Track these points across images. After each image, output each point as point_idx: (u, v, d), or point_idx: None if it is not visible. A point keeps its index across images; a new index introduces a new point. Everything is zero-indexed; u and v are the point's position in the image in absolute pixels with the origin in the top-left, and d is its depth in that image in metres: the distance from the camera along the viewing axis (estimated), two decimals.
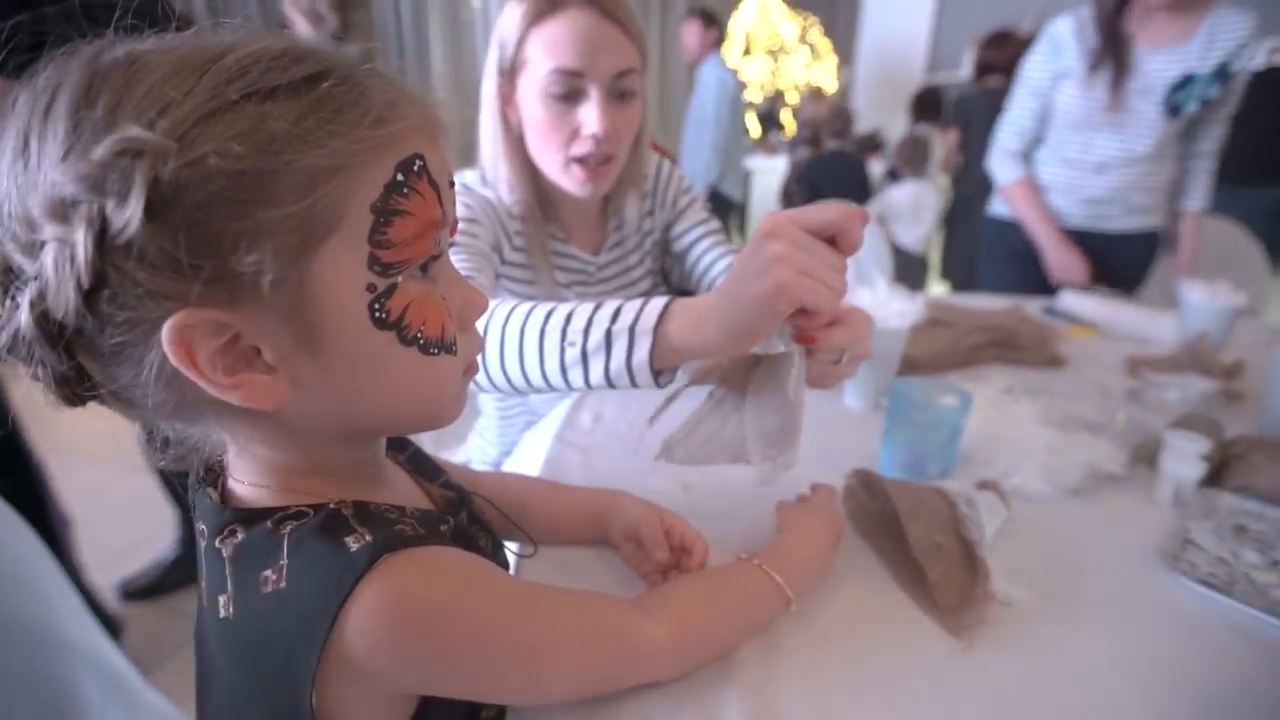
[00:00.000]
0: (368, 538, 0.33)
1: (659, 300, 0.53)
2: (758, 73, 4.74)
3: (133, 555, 1.63)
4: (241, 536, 0.34)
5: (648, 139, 0.87)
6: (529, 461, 0.75)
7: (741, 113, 2.61)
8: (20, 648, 0.61)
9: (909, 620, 0.50)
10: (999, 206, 1.61)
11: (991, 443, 0.70)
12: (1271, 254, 1.73)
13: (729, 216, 3.29)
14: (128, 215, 0.27)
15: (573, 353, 0.55)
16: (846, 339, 0.49)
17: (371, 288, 0.33)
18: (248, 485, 0.37)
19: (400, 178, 0.33)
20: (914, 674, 0.45)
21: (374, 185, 0.32)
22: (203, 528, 0.36)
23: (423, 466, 0.49)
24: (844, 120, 3.39)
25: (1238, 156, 2.29)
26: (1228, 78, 1.33)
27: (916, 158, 2.95)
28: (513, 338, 0.57)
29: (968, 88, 2.91)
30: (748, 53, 4.73)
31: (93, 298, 0.28)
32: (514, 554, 0.54)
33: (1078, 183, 1.46)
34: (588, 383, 0.56)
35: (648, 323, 0.52)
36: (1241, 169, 2.24)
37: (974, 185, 2.44)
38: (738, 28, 4.68)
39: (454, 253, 0.60)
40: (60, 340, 0.30)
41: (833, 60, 4.93)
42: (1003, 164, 1.55)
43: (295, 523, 0.34)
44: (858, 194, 3.12)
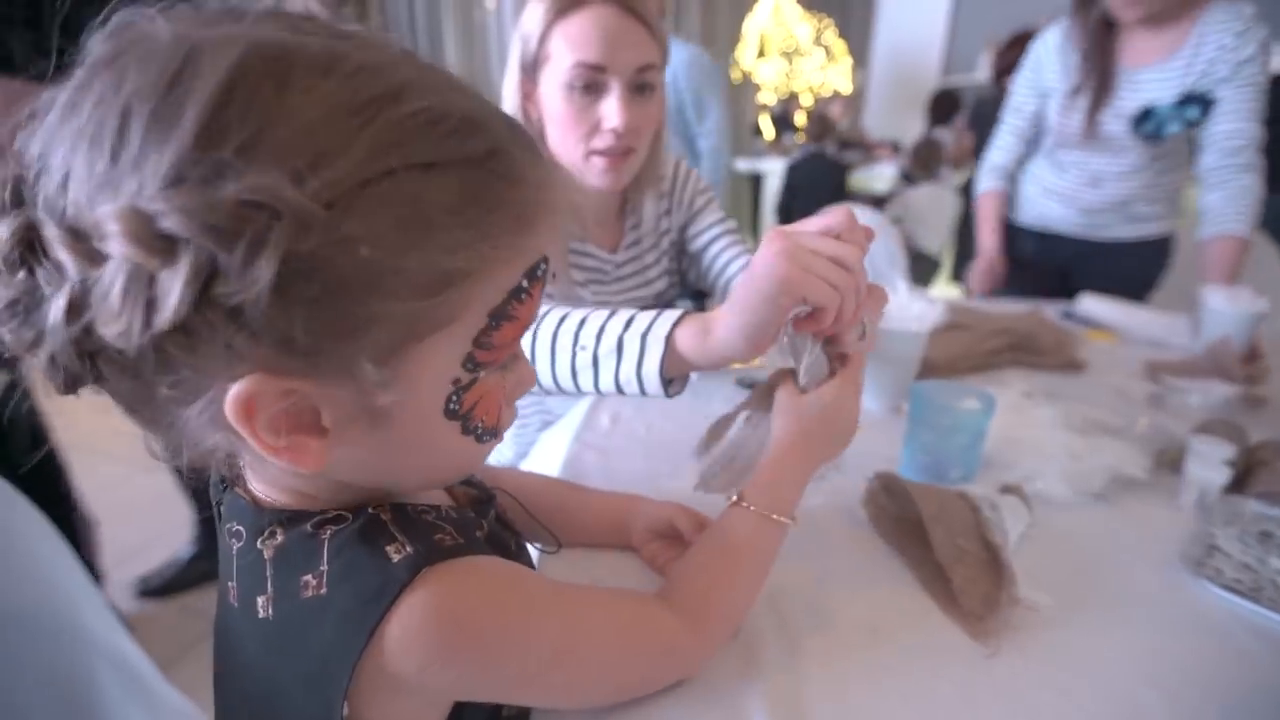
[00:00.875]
0: (408, 549, 0.32)
1: (672, 312, 0.54)
2: (772, 75, 4.74)
3: (148, 553, 1.64)
4: (281, 539, 0.33)
5: (664, 139, 0.88)
6: (546, 462, 0.75)
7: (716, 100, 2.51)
8: (39, 641, 0.62)
9: (932, 623, 0.49)
10: (1011, 213, 1.60)
11: (1012, 447, 0.70)
12: None
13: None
14: (254, 283, 0.24)
15: (584, 357, 0.55)
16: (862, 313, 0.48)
17: (456, 381, 0.32)
18: (272, 488, 0.35)
19: (524, 284, 0.32)
20: (937, 677, 0.45)
21: (499, 291, 0.31)
22: (239, 528, 0.35)
23: None
24: (823, 124, 3.39)
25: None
26: (1203, 102, 1.25)
27: (931, 160, 2.94)
28: (525, 339, 0.57)
29: (986, 90, 2.89)
30: (762, 54, 4.73)
31: (162, 339, 0.24)
32: (536, 549, 0.54)
33: (1075, 193, 1.45)
34: (597, 388, 0.56)
35: (660, 331, 0.52)
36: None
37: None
38: (752, 29, 4.68)
39: None
40: (93, 355, 0.26)
41: (847, 62, 4.92)
42: (980, 175, 1.59)
43: (335, 527, 0.33)
44: (831, 198, 3.15)
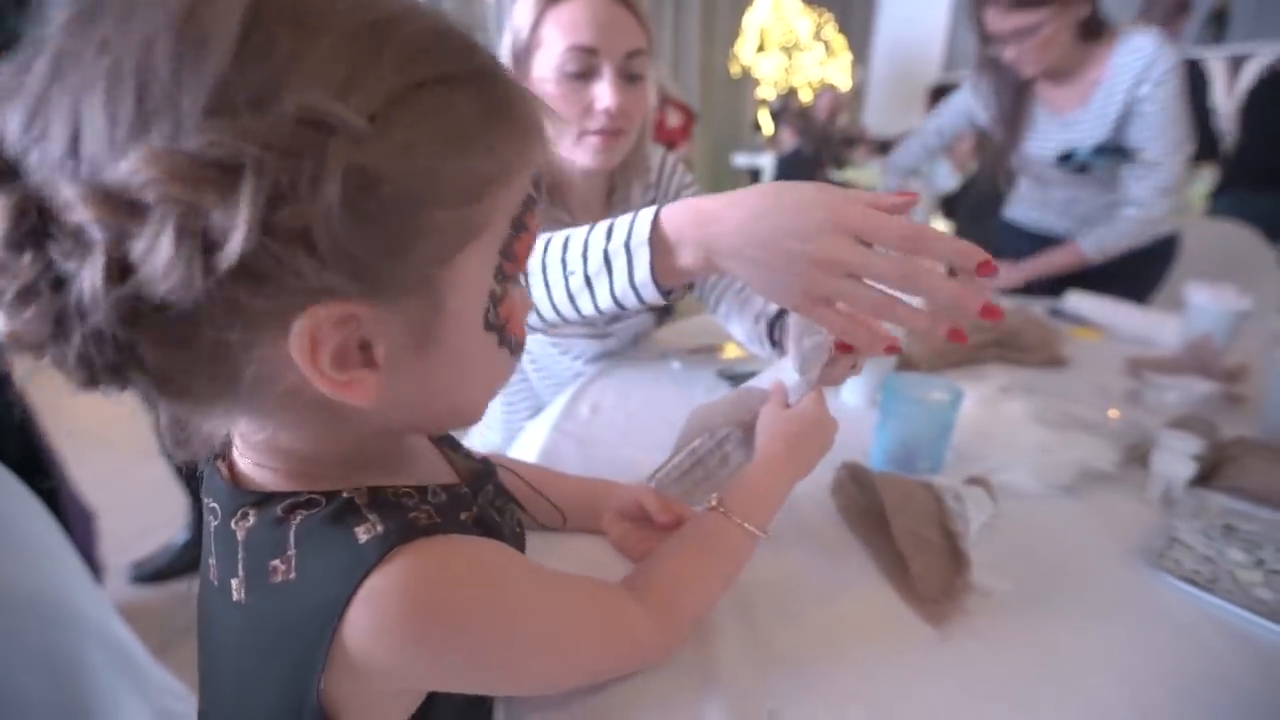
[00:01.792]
0: (378, 528, 0.31)
1: (648, 211, 0.51)
2: (771, 69, 4.73)
3: (144, 540, 1.66)
4: (253, 521, 0.33)
5: (650, 130, 0.89)
6: (526, 451, 0.76)
7: None
8: (31, 621, 0.63)
9: (891, 611, 0.50)
10: (1011, 211, 1.62)
11: (984, 440, 0.71)
12: None
13: None
14: (323, 201, 0.23)
15: (576, 280, 0.54)
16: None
17: (492, 294, 0.33)
18: (255, 465, 0.35)
19: (533, 192, 0.33)
20: (893, 663, 0.46)
21: (517, 199, 0.32)
22: (215, 506, 0.35)
23: (447, 438, 0.48)
24: (803, 119, 3.40)
25: (1252, 160, 2.28)
26: (1120, 152, 1.27)
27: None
28: None
29: None
30: (761, 49, 4.72)
31: (225, 281, 0.23)
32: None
33: (1063, 206, 1.49)
34: (597, 308, 0.54)
35: (640, 237, 0.50)
36: (1255, 172, 2.22)
37: (991, 187, 2.43)
38: (752, 24, 4.67)
39: None
40: (137, 324, 0.24)
41: (847, 58, 4.90)
42: (886, 172, 1.67)
43: (306, 512, 0.32)
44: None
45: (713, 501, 0.50)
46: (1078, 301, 1.29)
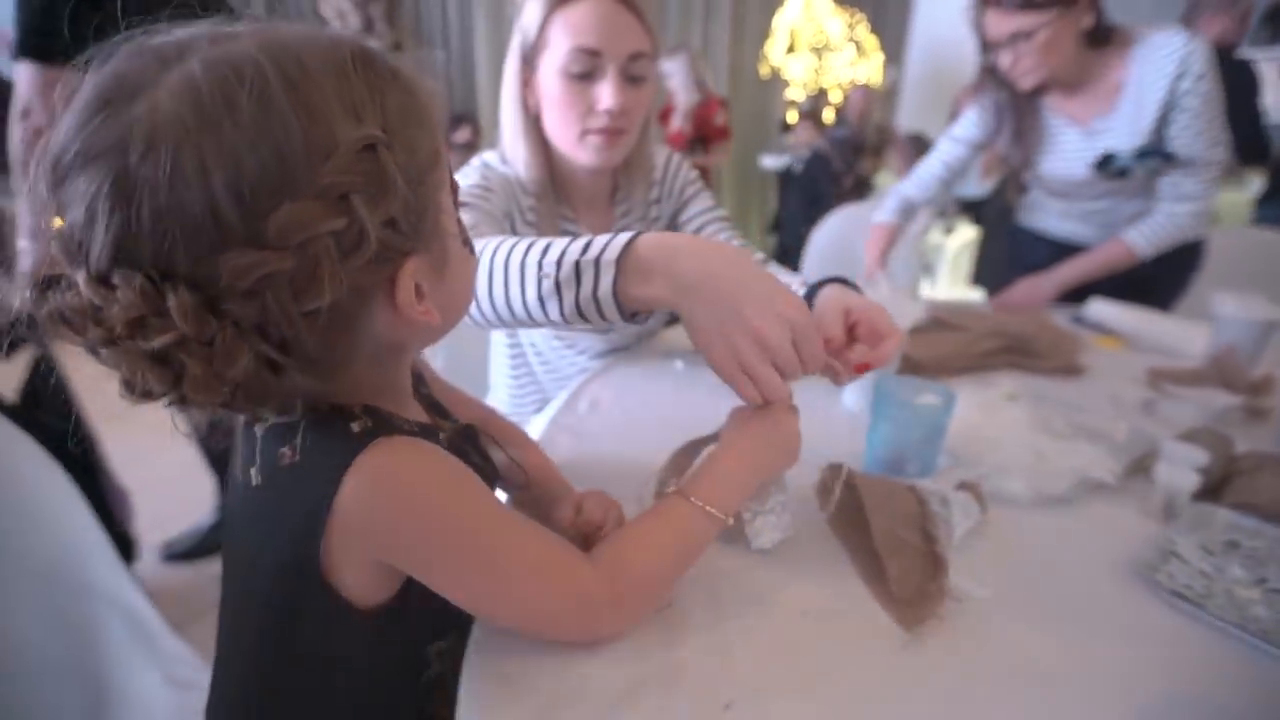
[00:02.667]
0: (369, 423, 0.40)
1: (625, 234, 0.53)
2: (801, 71, 4.68)
3: (176, 520, 1.73)
4: (270, 420, 0.40)
5: (654, 130, 0.91)
6: None
7: None
8: (52, 591, 0.67)
9: (864, 613, 0.50)
10: (1026, 217, 1.58)
11: (978, 445, 0.70)
12: None
13: None
14: (399, 191, 0.34)
15: (547, 284, 0.56)
16: (885, 360, 0.59)
17: (457, 220, 0.44)
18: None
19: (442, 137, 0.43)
20: (863, 665, 0.46)
21: (439, 131, 0.41)
22: (243, 421, 0.43)
23: (436, 405, 0.55)
24: (814, 121, 3.36)
25: None
26: (1162, 155, 1.21)
27: (918, 156, 2.99)
28: (499, 269, 0.58)
29: None
30: (791, 50, 4.67)
31: (357, 271, 0.34)
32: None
33: (1085, 216, 1.44)
34: (562, 315, 0.56)
35: (612, 254, 0.52)
36: None
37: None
38: (782, 25, 4.63)
39: (465, 212, 0.64)
40: (308, 327, 0.34)
41: (879, 58, 4.83)
42: (885, 199, 1.59)
43: (313, 413, 0.40)
44: (815, 198, 3.14)
45: (673, 487, 0.50)
46: (1100, 309, 1.25)
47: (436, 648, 0.48)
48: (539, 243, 0.58)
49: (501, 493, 0.61)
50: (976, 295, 2.73)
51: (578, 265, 0.54)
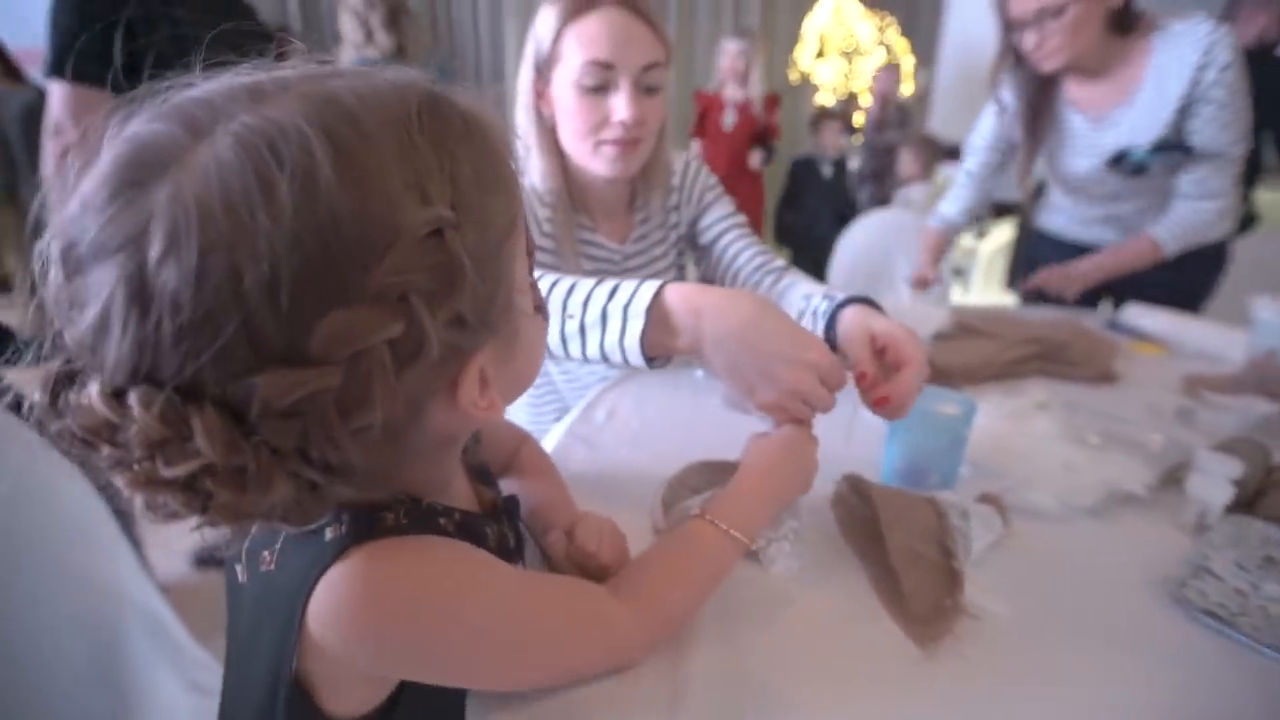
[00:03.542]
0: (343, 529, 0.33)
1: (652, 284, 0.55)
2: (830, 75, 4.64)
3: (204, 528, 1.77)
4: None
5: (669, 137, 0.91)
6: None
7: None
8: (81, 600, 0.69)
9: (878, 627, 0.49)
10: (1044, 219, 1.53)
11: (1003, 455, 0.68)
12: None
13: None
14: (467, 285, 0.29)
15: (572, 325, 0.57)
16: (907, 391, 0.57)
17: (533, 285, 0.39)
18: None
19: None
20: (876, 681, 0.44)
21: (517, 190, 0.36)
22: None
23: (482, 473, 0.50)
24: (845, 122, 3.32)
25: None
26: (1182, 150, 1.16)
27: (929, 158, 2.99)
28: None
29: None
30: (821, 55, 4.64)
31: (419, 377, 0.29)
32: None
33: (1103, 219, 1.39)
34: (584, 355, 0.58)
35: (640, 305, 0.54)
36: None
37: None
38: (811, 29, 4.60)
39: None
40: (360, 440, 0.28)
41: (909, 62, 4.76)
42: (931, 215, 1.58)
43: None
44: (824, 203, 3.08)
45: (696, 511, 0.50)
46: (1137, 314, 1.21)
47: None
48: (563, 281, 0.60)
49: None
50: (1010, 300, 2.67)
51: (605, 311, 0.55)
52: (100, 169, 0.27)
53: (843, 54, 4.57)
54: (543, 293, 0.59)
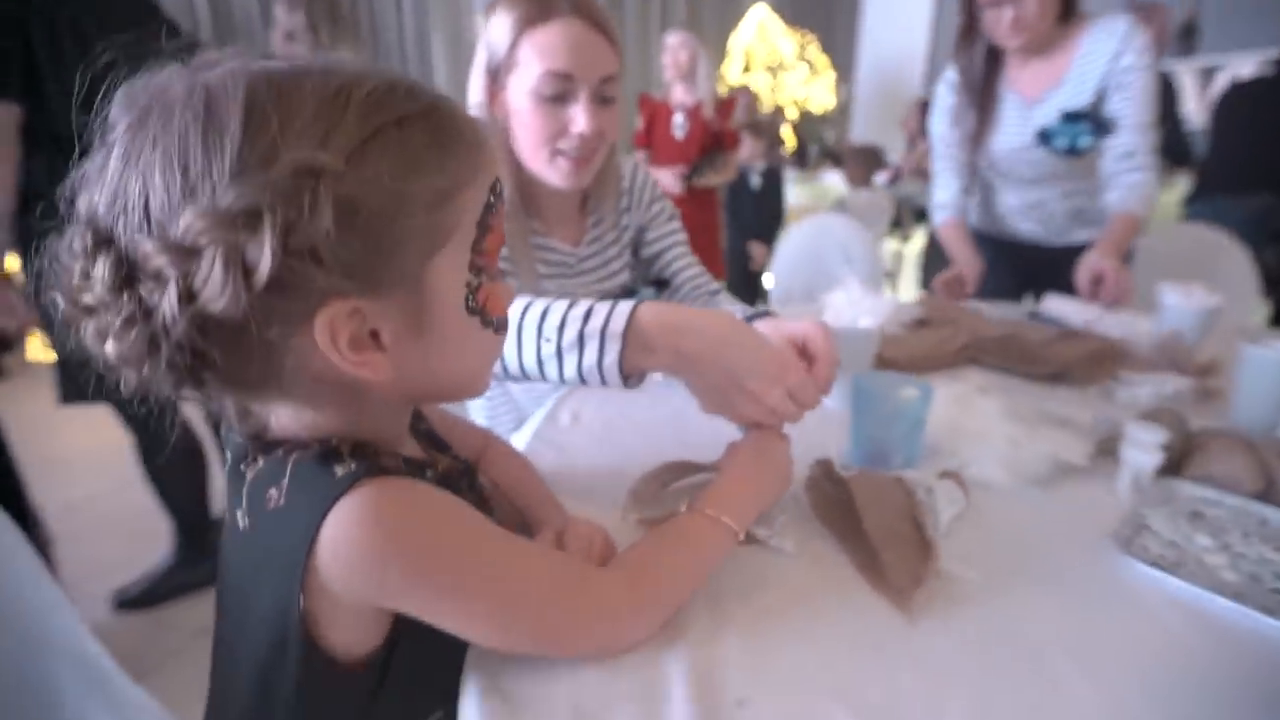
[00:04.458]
0: (352, 466, 0.37)
1: (626, 305, 0.56)
2: (757, 89, 4.81)
3: (127, 567, 1.64)
4: (260, 464, 0.39)
5: (621, 144, 0.92)
6: None
7: None
8: (6, 641, 0.63)
9: (859, 597, 0.51)
10: (976, 217, 1.64)
11: (956, 435, 0.71)
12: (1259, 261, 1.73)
13: None
14: (321, 224, 0.32)
15: (548, 348, 0.58)
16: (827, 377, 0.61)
17: (468, 285, 0.41)
18: (293, 422, 0.41)
19: (491, 199, 0.41)
20: (858, 646, 0.46)
21: (477, 205, 0.40)
22: (229, 454, 0.43)
23: (435, 440, 0.54)
24: (766, 133, 3.10)
25: (1223, 165, 2.32)
26: (1091, 118, 1.28)
27: (867, 167, 3.14)
28: None
29: None
30: (747, 70, 4.80)
31: (262, 294, 0.32)
32: None
33: (1026, 210, 1.50)
34: (562, 378, 0.58)
35: (616, 326, 0.55)
36: (1226, 177, 2.26)
37: None
38: (737, 45, 4.76)
39: None
40: (205, 334, 0.33)
41: (830, 76, 4.99)
42: (933, 213, 1.62)
43: (300, 452, 0.39)
44: (773, 212, 3.11)
45: (683, 507, 0.51)
46: (1056, 304, 1.30)
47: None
48: (536, 304, 0.60)
49: None
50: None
51: (581, 335, 0.56)
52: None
53: (768, 69, 4.74)
54: (515, 317, 0.60)
